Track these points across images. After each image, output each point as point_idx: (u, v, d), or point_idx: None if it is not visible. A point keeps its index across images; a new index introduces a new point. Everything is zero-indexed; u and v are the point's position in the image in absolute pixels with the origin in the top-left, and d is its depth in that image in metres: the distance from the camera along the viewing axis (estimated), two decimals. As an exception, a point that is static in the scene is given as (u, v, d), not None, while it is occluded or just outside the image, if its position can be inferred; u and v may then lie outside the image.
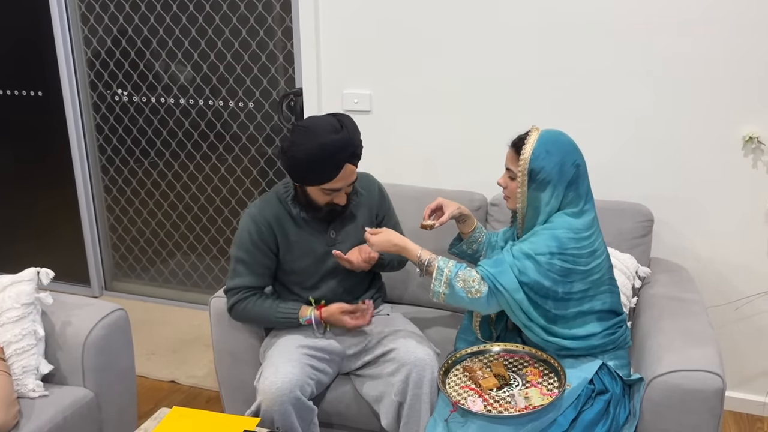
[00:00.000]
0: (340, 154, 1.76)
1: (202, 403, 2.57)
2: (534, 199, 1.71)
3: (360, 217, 2.00)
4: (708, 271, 2.42)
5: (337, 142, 1.76)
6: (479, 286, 1.66)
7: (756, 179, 2.29)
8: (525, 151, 1.69)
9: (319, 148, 1.74)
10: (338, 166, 1.77)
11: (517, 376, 1.74)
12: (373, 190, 2.05)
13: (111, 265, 3.59)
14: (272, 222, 1.91)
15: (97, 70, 3.23)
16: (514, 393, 1.67)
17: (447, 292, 1.69)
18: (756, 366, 2.48)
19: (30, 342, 1.83)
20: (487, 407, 1.63)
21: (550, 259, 1.64)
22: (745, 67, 2.20)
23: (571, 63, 2.36)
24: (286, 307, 1.92)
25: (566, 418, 1.62)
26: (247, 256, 1.91)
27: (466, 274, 1.68)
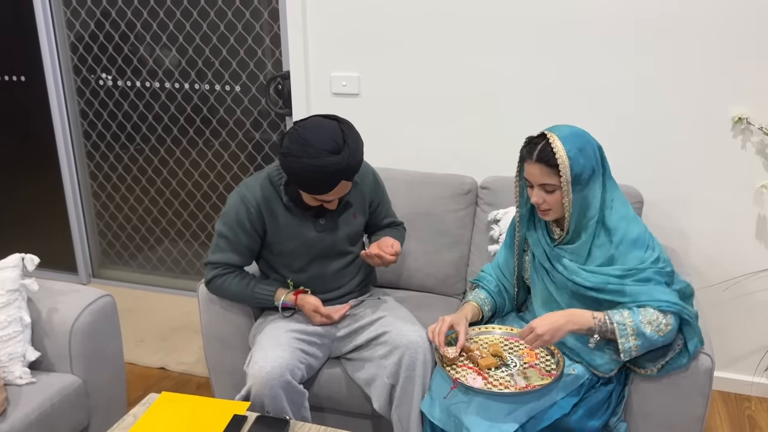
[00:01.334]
0: (337, 175, 1.70)
1: (192, 389, 2.56)
2: (581, 199, 1.61)
3: (354, 204, 1.98)
4: (697, 253, 2.43)
5: (335, 165, 1.68)
6: (666, 320, 1.56)
7: (745, 160, 2.29)
8: (561, 158, 1.56)
9: (315, 169, 1.68)
10: (333, 184, 1.73)
11: (514, 357, 1.74)
12: (367, 176, 2.03)
13: (98, 252, 3.55)
14: (261, 204, 1.89)
15: (80, 54, 3.18)
16: (513, 372, 1.67)
17: (639, 343, 1.56)
18: (743, 346, 2.50)
19: (16, 329, 1.81)
20: (487, 385, 1.63)
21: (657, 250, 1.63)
22: (735, 47, 2.19)
23: (558, 44, 2.35)
24: (262, 288, 1.92)
25: (568, 402, 1.62)
26: (231, 234, 1.90)
27: (647, 317, 1.56)
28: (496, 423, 1.55)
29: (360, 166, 1.77)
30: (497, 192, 2.36)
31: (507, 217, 2.27)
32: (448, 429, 1.63)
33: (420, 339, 1.81)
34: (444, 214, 2.36)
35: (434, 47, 2.49)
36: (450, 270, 2.36)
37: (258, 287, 1.92)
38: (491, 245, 2.30)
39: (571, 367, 1.68)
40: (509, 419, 1.55)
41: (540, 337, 1.55)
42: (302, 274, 1.96)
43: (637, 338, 1.55)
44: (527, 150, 1.63)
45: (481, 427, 1.55)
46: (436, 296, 2.36)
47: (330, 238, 1.94)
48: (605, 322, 1.58)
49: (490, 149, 2.54)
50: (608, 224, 1.64)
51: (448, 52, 2.48)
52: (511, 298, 1.90)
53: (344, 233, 1.96)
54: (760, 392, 2.52)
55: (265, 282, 1.95)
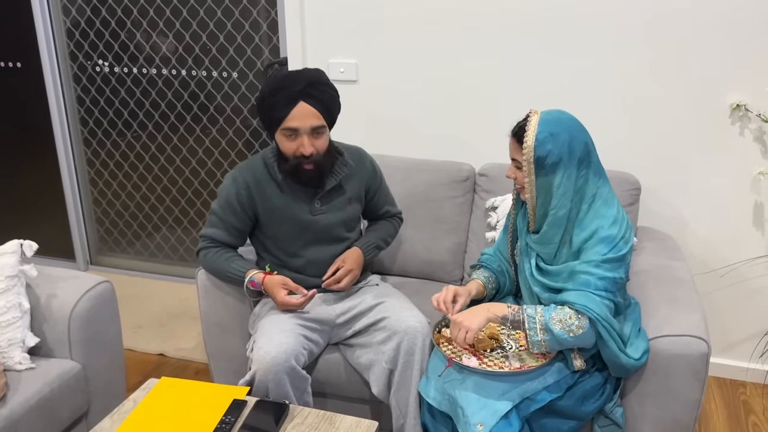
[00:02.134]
0: (292, 86, 1.77)
1: (191, 375, 2.58)
2: (544, 184, 1.61)
3: (349, 190, 1.99)
4: (694, 239, 2.44)
5: (291, 75, 1.79)
6: (579, 322, 1.56)
7: (743, 147, 2.30)
8: (527, 138, 1.58)
9: (276, 80, 1.79)
10: (291, 98, 1.77)
11: (510, 340, 1.76)
12: (364, 163, 2.03)
13: (96, 239, 3.55)
14: (252, 186, 1.90)
15: (76, 41, 3.16)
16: (508, 354, 1.69)
17: (547, 339, 1.58)
18: (739, 332, 2.52)
19: (15, 315, 1.81)
20: (481, 365, 1.65)
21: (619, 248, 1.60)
22: (732, 34, 2.19)
23: (556, 31, 2.34)
24: (238, 265, 1.94)
25: (562, 384, 1.63)
26: (222, 213, 1.94)
27: (560, 315, 1.57)
28: (490, 402, 1.57)
29: (320, 93, 1.80)
30: (495, 179, 2.36)
31: (504, 204, 2.28)
32: (443, 408, 1.65)
33: (419, 324, 1.82)
34: (442, 201, 2.36)
35: (433, 34, 2.48)
36: (447, 257, 2.37)
37: (234, 263, 1.94)
38: (489, 232, 2.31)
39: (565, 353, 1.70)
40: (503, 398, 1.57)
41: (458, 325, 1.61)
42: (298, 258, 1.97)
43: (546, 333, 1.58)
44: (514, 125, 1.67)
45: (475, 406, 1.56)
46: (433, 282, 2.37)
47: (324, 222, 1.94)
48: (517, 313, 1.61)
49: (488, 136, 2.54)
50: (583, 221, 1.62)
51: (446, 39, 2.47)
52: (512, 278, 1.91)
53: (339, 218, 1.97)
54: (755, 378, 2.54)
55: (243, 261, 1.96)
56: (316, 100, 1.79)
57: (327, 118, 1.83)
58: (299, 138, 1.81)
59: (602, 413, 1.71)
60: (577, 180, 1.61)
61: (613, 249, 1.59)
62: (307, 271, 1.98)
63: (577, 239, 1.62)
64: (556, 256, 1.68)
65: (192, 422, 1.54)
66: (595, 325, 1.57)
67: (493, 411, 1.55)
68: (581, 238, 1.62)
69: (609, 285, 1.58)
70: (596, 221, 1.61)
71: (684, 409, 1.69)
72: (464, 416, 1.56)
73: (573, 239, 1.63)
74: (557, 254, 1.68)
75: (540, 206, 1.65)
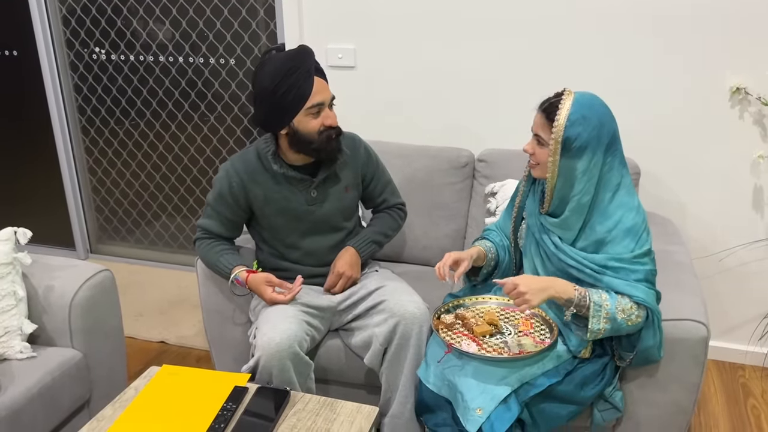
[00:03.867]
0: (305, 62, 1.76)
1: (192, 362, 2.59)
2: (567, 168, 1.57)
3: (344, 178, 1.96)
4: (693, 223, 2.44)
5: (296, 54, 1.77)
6: (638, 312, 1.57)
7: (742, 130, 2.29)
8: (560, 116, 1.53)
9: (283, 63, 1.74)
10: (308, 73, 1.76)
11: (509, 326, 1.76)
12: (358, 149, 2.01)
13: (95, 227, 3.55)
14: (244, 178, 1.89)
15: (73, 28, 3.14)
16: (507, 340, 1.69)
17: (608, 327, 1.57)
18: (738, 315, 2.52)
19: (9, 302, 1.81)
20: (480, 351, 1.65)
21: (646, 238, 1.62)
22: (732, 17, 2.17)
23: (555, 18, 2.33)
24: (226, 260, 1.93)
25: (560, 370, 1.64)
26: (215, 204, 1.94)
27: (622, 304, 1.57)
28: (489, 387, 1.57)
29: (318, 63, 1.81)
30: (494, 165, 2.35)
31: (504, 190, 2.27)
32: (442, 393, 1.65)
33: (417, 311, 1.82)
34: (441, 187, 2.36)
35: (432, 19, 2.46)
36: (447, 243, 2.37)
37: (223, 257, 1.93)
38: (488, 218, 2.30)
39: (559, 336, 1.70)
40: (502, 383, 1.58)
41: (522, 295, 1.55)
42: (295, 249, 1.97)
43: (608, 322, 1.56)
44: (544, 100, 1.63)
45: (475, 391, 1.57)
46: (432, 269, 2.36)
47: (321, 212, 1.93)
48: (584, 298, 1.58)
49: (487, 122, 2.53)
50: (607, 209, 1.61)
51: (445, 24, 2.45)
52: (511, 255, 1.91)
53: (336, 207, 1.96)
54: (753, 361, 2.55)
55: (232, 255, 1.94)
56: (321, 73, 1.81)
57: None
58: (323, 111, 1.80)
59: (602, 397, 1.71)
60: (603, 167, 1.59)
61: (638, 242, 1.59)
62: (305, 261, 1.98)
63: (601, 228, 1.61)
64: (575, 242, 1.66)
65: (193, 410, 1.55)
66: (651, 315, 1.58)
67: (492, 396, 1.56)
68: (605, 227, 1.60)
69: (650, 277, 1.60)
70: (620, 211, 1.60)
71: (683, 393, 1.70)
72: (463, 401, 1.57)
73: (597, 228, 1.61)
74: (575, 240, 1.66)
75: (558, 189, 1.62)
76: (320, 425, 1.51)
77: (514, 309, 1.82)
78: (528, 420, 1.62)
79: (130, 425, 1.51)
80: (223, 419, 1.50)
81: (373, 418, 1.54)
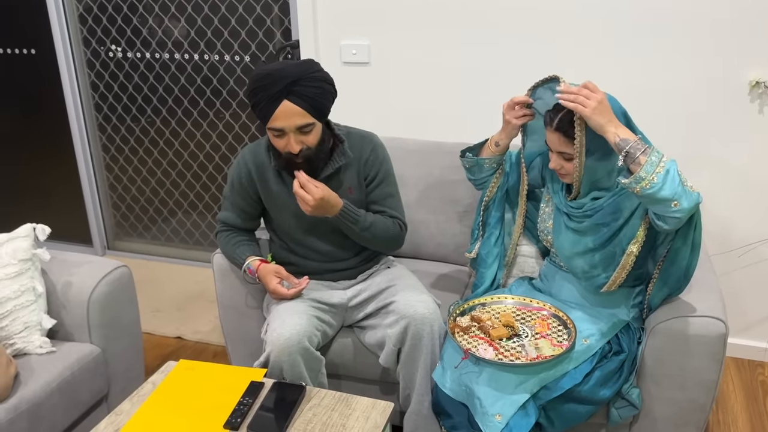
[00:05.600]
0: (271, 87, 1.69)
1: (208, 358, 2.60)
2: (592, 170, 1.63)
3: (347, 179, 1.91)
4: (712, 218, 2.41)
5: (272, 73, 1.70)
6: (692, 185, 1.49)
7: (762, 125, 2.26)
8: (578, 133, 1.57)
9: (254, 79, 1.72)
10: (274, 99, 1.69)
11: (525, 327, 1.75)
12: (364, 149, 1.93)
13: (112, 224, 3.58)
14: (253, 170, 1.91)
15: (89, 26, 3.16)
16: (524, 343, 1.68)
17: (660, 175, 1.43)
18: (757, 312, 2.50)
19: (29, 298, 1.84)
20: (498, 356, 1.64)
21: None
22: (750, 10, 2.14)
23: (572, 10, 2.31)
24: (241, 251, 1.95)
25: (580, 372, 1.63)
26: (230, 194, 1.97)
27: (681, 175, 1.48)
28: (507, 394, 1.56)
29: (305, 88, 1.70)
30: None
31: (519, 186, 2.26)
32: (459, 399, 1.65)
33: (427, 311, 1.80)
34: (455, 183, 2.35)
35: (446, 15, 2.45)
36: (461, 239, 2.36)
37: (239, 248, 1.95)
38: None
39: (583, 337, 1.69)
40: (520, 390, 1.57)
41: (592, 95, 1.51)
42: (302, 246, 1.97)
43: (663, 171, 1.44)
44: (549, 116, 1.63)
45: (493, 397, 1.56)
46: (447, 265, 2.37)
47: None
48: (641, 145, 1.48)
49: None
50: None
51: (460, 20, 2.44)
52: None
53: None
54: (773, 358, 2.53)
55: (248, 247, 1.96)
56: (301, 98, 1.70)
57: (315, 114, 1.74)
58: (284, 137, 1.75)
59: (619, 394, 1.70)
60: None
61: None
62: (312, 257, 1.98)
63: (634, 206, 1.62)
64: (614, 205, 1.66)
65: (210, 404, 1.56)
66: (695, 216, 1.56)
67: (511, 402, 1.55)
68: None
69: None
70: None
71: (701, 390, 1.68)
72: (482, 407, 1.57)
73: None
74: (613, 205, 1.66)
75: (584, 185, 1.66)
76: (336, 420, 1.52)
77: (530, 309, 1.81)
78: (545, 422, 1.61)
79: (148, 419, 1.52)
80: (240, 413, 1.51)
81: (388, 413, 1.54)
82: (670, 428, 1.74)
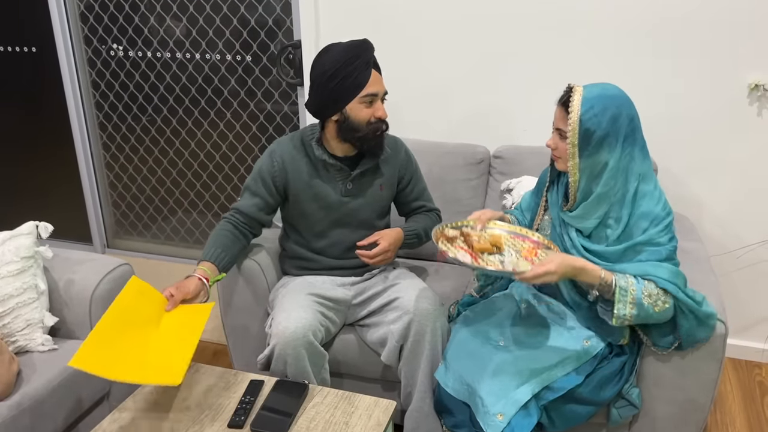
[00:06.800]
0: (365, 53, 1.80)
1: (209, 356, 2.61)
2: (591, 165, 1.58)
3: (381, 176, 1.98)
4: (711, 220, 2.42)
5: (358, 44, 1.82)
6: (665, 297, 1.55)
7: (761, 127, 2.27)
8: (573, 108, 1.54)
9: (344, 51, 1.79)
10: (367, 64, 1.80)
11: (512, 250, 1.70)
12: (399, 150, 2.04)
13: (112, 222, 3.58)
14: (286, 160, 1.92)
15: (90, 25, 3.16)
16: (505, 260, 1.64)
17: (634, 313, 1.54)
18: (755, 313, 2.51)
19: (31, 296, 1.84)
20: (473, 263, 1.59)
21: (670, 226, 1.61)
22: (751, 14, 2.16)
23: (573, 18, 2.32)
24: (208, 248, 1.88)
25: (581, 373, 1.64)
26: (254, 185, 1.96)
27: (648, 288, 1.55)
28: (509, 392, 1.57)
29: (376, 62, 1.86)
30: (510, 161, 2.35)
31: (520, 187, 2.27)
32: (461, 397, 1.65)
33: (431, 307, 1.83)
34: (457, 184, 2.37)
35: (447, 15, 2.46)
36: (463, 239, 2.37)
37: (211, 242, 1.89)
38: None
39: (584, 339, 1.70)
40: (523, 389, 1.57)
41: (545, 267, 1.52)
42: (322, 239, 1.98)
43: (635, 307, 1.55)
44: (562, 94, 1.62)
45: (494, 397, 1.57)
46: (448, 266, 2.38)
47: (353, 205, 1.95)
48: (611, 284, 1.56)
49: (503, 118, 2.53)
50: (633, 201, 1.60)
51: (461, 20, 2.45)
52: None
53: (369, 203, 1.97)
54: (771, 359, 2.54)
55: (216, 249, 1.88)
56: (377, 67, 1.86)
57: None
58: (375, 103, 1.83)
59: (619, 395, 1.71)
60: (621, 159, 1.58)
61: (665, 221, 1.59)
62: (328, 252, 1.99)
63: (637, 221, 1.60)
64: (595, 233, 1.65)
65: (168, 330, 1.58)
66: (677, 301, 1.56)
67: (513, 401, 1.55)
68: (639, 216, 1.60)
69: (673, 252, 1.59)
70: (643, 201, 1.60)
71: (700, 390, 1.70)
72: (483, 406, 1.57)
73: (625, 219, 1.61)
74: (596, 232, 1.65)
75: (582, 189, 1.62)
76: (338, 418, 1.53)
77: (524, 238, 1.75)
78: (546, 422, 1.62)
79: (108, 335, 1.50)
80: (243, 412, 1.52)
81: (390, 411, 1.55)
82: (670, 428, 1.75)
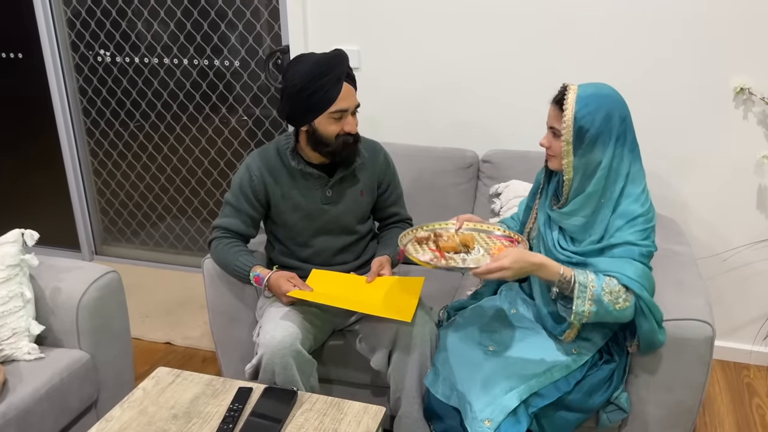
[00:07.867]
0: (337, 68, 1.78)
1: (198, 363, 2.59)
2: (584, 164, 1.57)
3: (361, 180, 1.98)
4: (697, 223, 2.44)
5: (330, 57, 1.79)
6: (626, 295, 1.54)
7: (746, 131, 2.29)
8: (567, 106, 1.54)
9: (315, 65, 1.77)
10: (338, 79, 1.77)
11: (481, 248, 1.69)
12: (377, 156, 2.02)
13: (100, 229, 3.56)
14: (265, 173, 1.91)
15: (77, 30, 3.15)
16: (468, 258, 1.63)
17: (593, 310, 1.53)
18: (743, 315, 2.53)
19: (17, 304, 1.82)
20: (432, 260, 1.59)
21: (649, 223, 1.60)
22: (736, 18, 2.18)
23: (558, 17, 2.33)
24: (244, 259, 1.91)
25: (570, 380, 1.64)
26: (235, 201, 1.94)
27: (609, 285, 1.53)
28: (498, 398, 1.57)
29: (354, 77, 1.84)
30: (499, 165, 2.36)
31: (508, 191, 2.28)
32: (451, 403, 1.65)
33: (420, 312, 1.83)
34: (445, 188, 2.37)
35: (435, 20, 2.47)
36: (452, 243, 2.37)
37: (241, 257, 1.91)
38: (493, 218, 2.31)
39: (573, 347, 1.70)
40: (511, 395, 1.57)
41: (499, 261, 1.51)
42: (306, 248, 1.98)
43: (593, 304, 1.53)
44: (556, 94, 1.63)
45: (483, 403, 1.57)
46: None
47: (335, 212, 1.94)
48: (570, 280, 1.55)
49: (491, 123, 2.54)
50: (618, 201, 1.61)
51: (449, 24, 2.46)
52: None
53: (350, 209, 1.97)
54: (758, 360, 2.56)
55: (251, 256, 1.93)
56: (352, 80, 1.83)
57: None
58: (345, 118, 1.81)
59: (608, 400, 1.71)
60: (613, 159, 1.58)
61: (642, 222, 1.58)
62: (313, 260, 1.98)
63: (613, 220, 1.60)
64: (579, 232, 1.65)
65: None
66: (639, 300, 1.56)
67: (502, 407, 1.55)
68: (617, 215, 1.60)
69: (647, 254, 1.58)
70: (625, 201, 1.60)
71: (688, 393, 1.70)
72: (472, 412, 1.57)
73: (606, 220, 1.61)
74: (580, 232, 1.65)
75: (575, 189, 1.62)
76: (327, 425, 1.52)
77: (499, 237, 1.75)
78: (536, 429, 1.62)
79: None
80: (231, 420, 1.51)
81: (380, 418, 1.55)
82: (659, 430, 1.76)
